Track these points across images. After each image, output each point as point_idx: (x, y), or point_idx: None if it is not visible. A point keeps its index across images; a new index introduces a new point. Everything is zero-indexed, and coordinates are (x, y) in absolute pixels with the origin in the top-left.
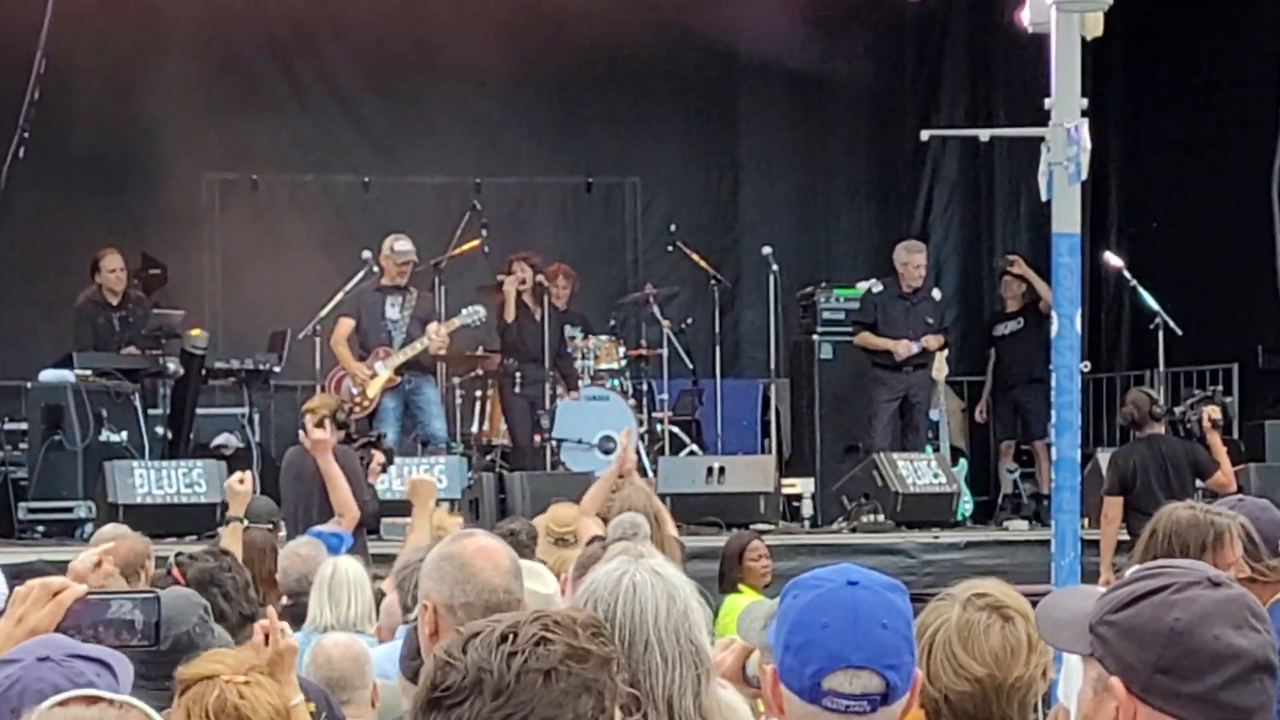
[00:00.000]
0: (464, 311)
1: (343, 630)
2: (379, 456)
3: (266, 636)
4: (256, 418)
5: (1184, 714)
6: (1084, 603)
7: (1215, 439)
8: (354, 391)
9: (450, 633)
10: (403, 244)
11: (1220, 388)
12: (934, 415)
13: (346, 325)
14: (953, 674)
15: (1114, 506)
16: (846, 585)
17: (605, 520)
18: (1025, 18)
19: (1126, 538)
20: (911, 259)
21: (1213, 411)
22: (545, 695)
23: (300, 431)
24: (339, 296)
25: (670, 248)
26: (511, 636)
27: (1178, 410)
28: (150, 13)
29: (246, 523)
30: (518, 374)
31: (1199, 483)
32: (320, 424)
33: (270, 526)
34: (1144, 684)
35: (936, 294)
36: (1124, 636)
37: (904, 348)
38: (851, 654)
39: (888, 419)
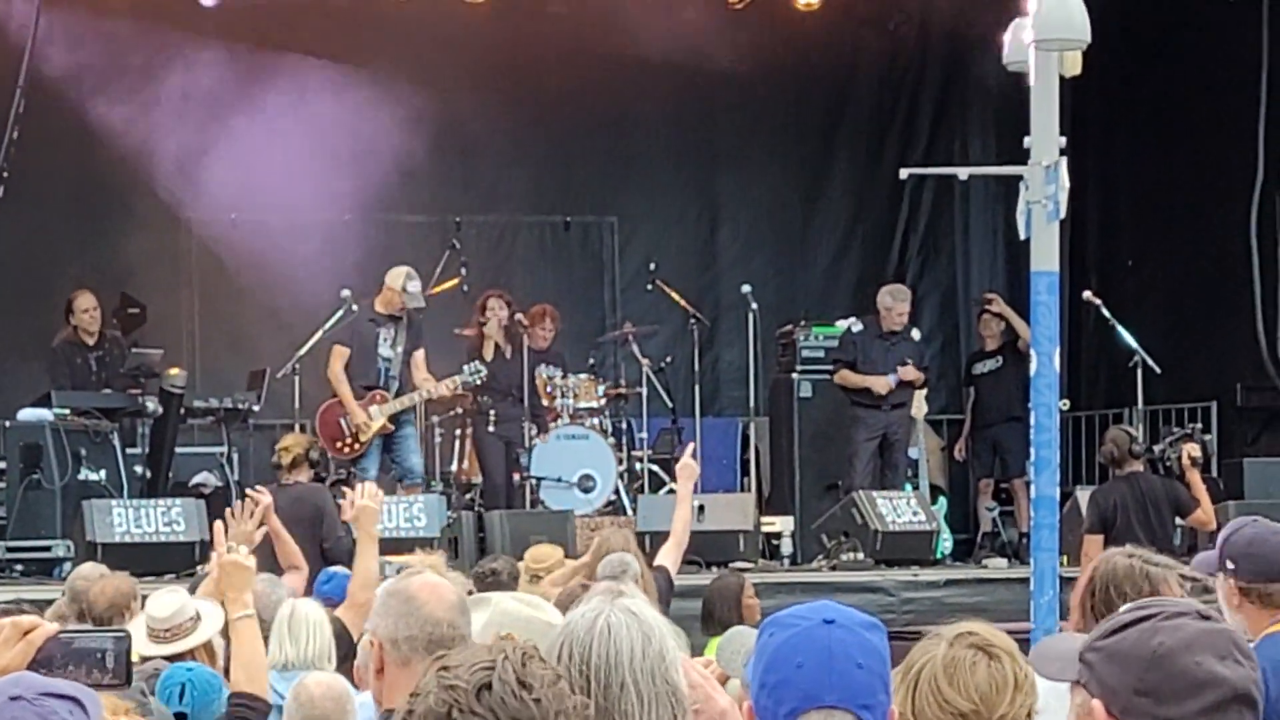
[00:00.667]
0: (466, 369)
1: (301, 667)
2: (350, 495)
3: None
4: (235, 456)
5: None
6: (1077, 643)
7: (1195, 477)
8: (349, 432)
9: (395, 669)
10: (415, 285)
11: (1199, 425)
12: (913, 453)
13: (343, 354)
14: (938, 709)
15: (1094, 545)
16: (822, 624)
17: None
18: (1004, 57)
19: None
20: (896, 305)
21: (1192, 449)
22: None
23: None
24: (318, 335)
25: (650, 286)
26: (530, 682)
27: (1157, 448)
28: (128, 53)
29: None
30: (491, 412)
31: (1179, 520)
32: (294, 463)
33: None
34: (1124, 706)
35: (916, 334)
36: (1109, 660)
37: (883, 384)
38: (826, 694)
39: (868, 458)
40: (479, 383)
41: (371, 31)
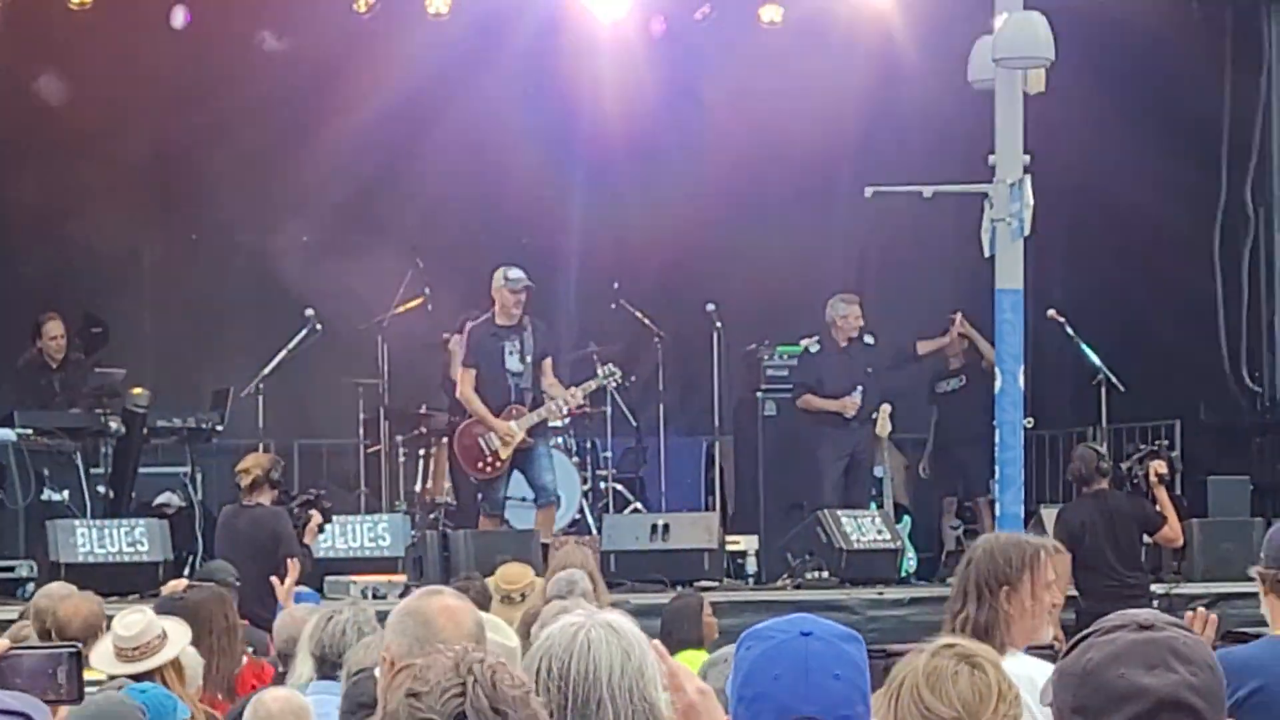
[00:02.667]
0: (600, 373)
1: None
2: (316, 516)
3: None
4: (199, 476)
5: None
6: None
7: (1162, 494)
8: (489, 450)
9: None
10: (515, 271)
11: (1166, 442)
12: (878, 472)
13: (470, 375)
14: (919, 716)
15: (1061, 563)
16: (799, 636)
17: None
18: (969, 75)
19: (1075, 594)
20: (851, 311)
21: (1159, 466)
22: None
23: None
24: (281, 354)
25: (614, 305)
26: (503, 707)
27: (1124, 465)
28: (91, 72)
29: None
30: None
31: (1146, 538)
32: (253, 485)
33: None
34: None
35: (869, 339)
36: (1058, 680)
37: (850, 405)
38: (802, 705)
39: (835, 477)
40: (614, 385)
41: (329, 54)
